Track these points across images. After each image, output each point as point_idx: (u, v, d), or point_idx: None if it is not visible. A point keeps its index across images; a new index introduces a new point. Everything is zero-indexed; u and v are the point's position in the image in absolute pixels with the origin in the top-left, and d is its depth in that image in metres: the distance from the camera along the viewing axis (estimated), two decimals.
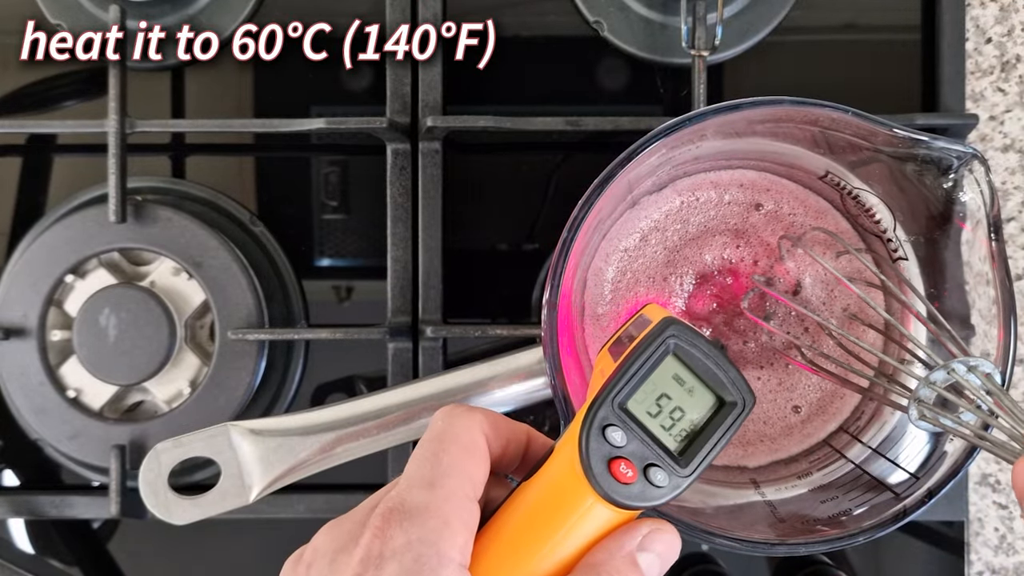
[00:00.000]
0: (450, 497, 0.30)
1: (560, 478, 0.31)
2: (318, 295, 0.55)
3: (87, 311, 0.50)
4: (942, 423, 0.37)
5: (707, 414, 0.33)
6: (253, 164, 0.56)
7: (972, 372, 0.36)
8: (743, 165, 0.47)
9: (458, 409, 0.33)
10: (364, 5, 0.55)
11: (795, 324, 0.47)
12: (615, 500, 0.30)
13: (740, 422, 0.32)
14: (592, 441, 0.31)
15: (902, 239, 0.45)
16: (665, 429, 0.32)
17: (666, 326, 0.33)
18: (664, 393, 0.32)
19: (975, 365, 0.36)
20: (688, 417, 0.32)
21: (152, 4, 0.53)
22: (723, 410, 0.33)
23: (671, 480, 0.31)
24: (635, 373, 0.32)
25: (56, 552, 0.55)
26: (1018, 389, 0.55)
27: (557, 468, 0.32)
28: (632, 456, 0.31)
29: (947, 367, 0.37)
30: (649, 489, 0.31)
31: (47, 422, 0.51)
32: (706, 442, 0.32)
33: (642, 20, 0.53)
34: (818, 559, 0.53)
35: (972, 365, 0.36)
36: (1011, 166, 0.55)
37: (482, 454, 0.31)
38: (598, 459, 0.31)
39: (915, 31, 0.54)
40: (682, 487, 0.31)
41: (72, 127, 0.51)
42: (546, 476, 0.32)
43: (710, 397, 0.33)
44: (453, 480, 0.30)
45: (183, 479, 0.51)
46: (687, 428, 0.32)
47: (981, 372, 0.36)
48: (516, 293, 0.54)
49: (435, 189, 0.52)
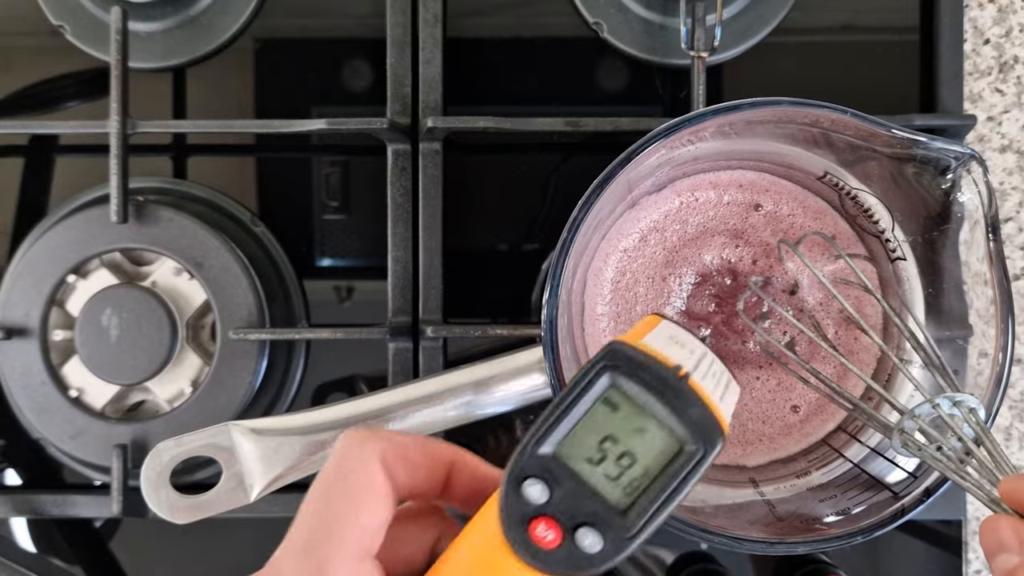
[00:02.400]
0: (328, 563, 0.25)
1: (487, 537, 0.26)
2: (319, 295, 0.55)
3: (89, 311, 0.50)
4: (924, 455, 0.37)
5: (664, 459, 0.26)
6: (254, 165, 0.56)
7: (957, 407, 0.37)
8: (742, 166, 0.47)
9: (353, 438, 0.27)
10: (365, 5, 0.55)
11: (792, 326, 0.47)
12: (539, 568, 0.25)
13: (703, 468, 0.26)
14: (509, 496, 0.26)
15: (900, 239, 0.45)
16: (610, 479, 0.26)
17: (608, 353, 0.27)
18: (609, 435, 0.27)
19: (960, 400, 0.37)
20: (641, 464, 0.26)
21: (154, 5, 0.53)
22: (682, 454, 0.26)
23: (609, 543, 0.25)
24: (566, 411, 0.26)
25: (58, 551, 0.55)
26: (1016, 389, 0.55)
27: (485, 523, 0.27)
28: (559, 514, 0.26)
29: (932, 402, 0.37)
30: (577, 554, 0.25)
31: (49, 421, 0.51)
32: (659, 495, 0.26)
33: (642, 21, 0.53)
34: (817, 558, 0.53)
35: (958, 400, 0.37)
36: (1009, 167, 0.55)
37: (380, 493, 0.26)
38: (515, 520, 0.25)
39: (913, 32, 0.55)
40: (625, 551, 0.25)
41: (74, 128, 0.51)
42: (478, 529, 0.27)
43: (666, 438, 0.27)
44: (335, 539, 0.25)
45: (184, 478, 0.52)
46: (638, 477, 0.26)
47: (965, 407, 0.37)
48: (516, 293, 0.54)
49: (435, 189, 0.52)
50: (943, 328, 0.45)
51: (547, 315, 0.40)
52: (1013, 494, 0.32)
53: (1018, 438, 0.56)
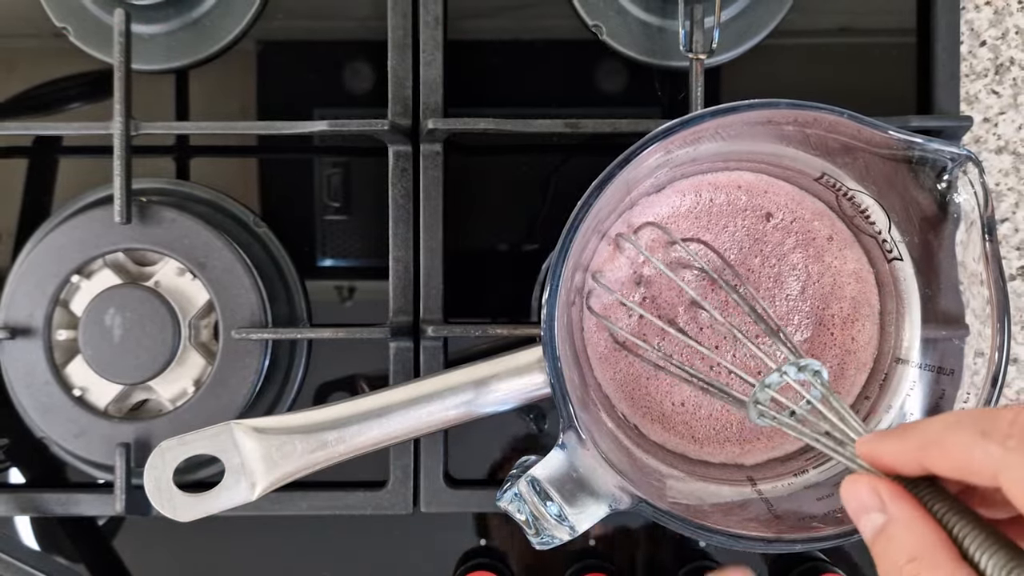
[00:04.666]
0: None
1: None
2: (320, 295, 0.56)
3: (92, 311, 0.50)
4: (781, 423, 0.38)
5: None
6: (256, 166, 0.56)
7: (803, 372, 0.38)
8: (740, 167, 0.48)
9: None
10: (366, 8, 0.55)
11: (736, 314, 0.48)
12: None
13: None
14: None
15: (897, 240, 0.46)
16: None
17: None
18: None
19: (805, 365, 0.38)
20: None
21: (157, 7, 0.53)
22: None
23: None
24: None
25: (61, 549, 0.56)
26: (1012, 388, 0.55)
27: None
28: None
29: (779, 370, 0.38)
30: None
31: (53, 420, 0.51)
32: None
33: (640, 24, 0.54)
34: (814, 556, 0.53)
35: (802, 365, 0.38)
36: (1005, 168, 0.55)
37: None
38: None
39: (910, 34, 0.55)
40: None
41: (78, 129, 0.51)
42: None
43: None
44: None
45: (187, 477, 0.52)
46: None
47: (810, 370, 0.38)
48: (516, 293, 0.55)
49: (436, 190, 0.52)
50: (940, 328, 0.45)
51: (547, 315, 0.40)
52: (870, 456, 0.32)
53: None
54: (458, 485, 0.53)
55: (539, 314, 0.50)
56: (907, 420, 0.45)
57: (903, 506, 0.30)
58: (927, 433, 0.30)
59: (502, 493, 0.41)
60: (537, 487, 0.40)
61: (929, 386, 0.45)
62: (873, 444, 0.32)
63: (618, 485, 0.40)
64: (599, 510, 0.40)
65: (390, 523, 0.55)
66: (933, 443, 0.29)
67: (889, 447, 0.31)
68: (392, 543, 0.55)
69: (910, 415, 0.45)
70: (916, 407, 0.45)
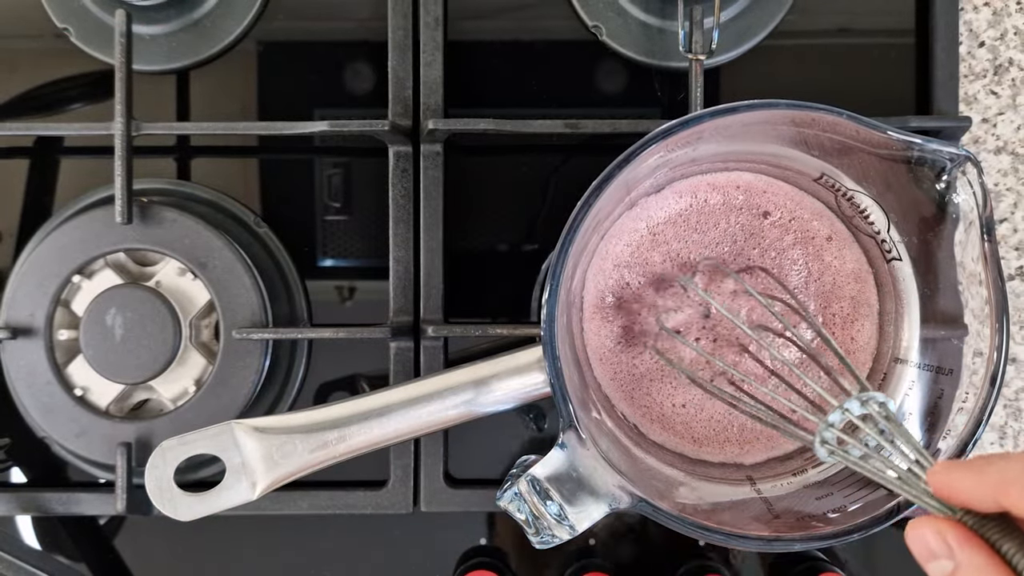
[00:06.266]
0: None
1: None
2: (321, 295, 0.56)
3: (93, 311, 0.50)
4: (851, 461, 0.36)
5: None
6: (257, 166, 0.56)
7: (866, 405, 0.36)
8: (740, 167, 0.48)
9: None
10: (367, 8, 0.55)
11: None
12: None
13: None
14: None
15: (896, 240, 0.46)
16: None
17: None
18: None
19: (868, 399, 0.36)
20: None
21: (158, 8, 0.54)
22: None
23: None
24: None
25: (63, 548, 0.56)
26: (1011, 388, 0.56)
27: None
28: None
29: (841, 407, 0.37)
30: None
31: (54, 420, 0.51)
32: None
33: (640, 24, 0.54)
34: (813, 555, 0.53)
35: (865, 399, 0.36)
36: (1003, 168, 0.56)
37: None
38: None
39: (909, 35, 0.55)
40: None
41: (79, 129, 0.52)
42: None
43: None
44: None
45: (188, 476, 0.52)
46: None
47: (875, 402, 0.36)
48: (516, 293, 0.55)
49: (436, 190, 0.52)
50: (939, 327, 0.45)
51: (547, 315, 0.40)
52: (944, 487, 0.31)
53: (1012, 436, 0.56)
54: (458, 485, 0.53)
55: (539, 314, 0.50)
56: (907, 420, 0.45)
57: (972, 553, 0.29)
58: (1007, 472, 0.29)
59: (502, 492, 0.41)
60: (537, 486, 0.40)
61: (928, 386, 0.45)
62: (947, 476, 0.31)
63: (618, 484, 0.40)
64: (599, 509, 0.40)
65: (390, 522, 0.55)
66: (1014, 482, 0.29)
67: (965, 482, 0.30)
68: (392, 543, 0.55)
69: (909, 415, 0.45)
70: (915, 407, 0.45)
